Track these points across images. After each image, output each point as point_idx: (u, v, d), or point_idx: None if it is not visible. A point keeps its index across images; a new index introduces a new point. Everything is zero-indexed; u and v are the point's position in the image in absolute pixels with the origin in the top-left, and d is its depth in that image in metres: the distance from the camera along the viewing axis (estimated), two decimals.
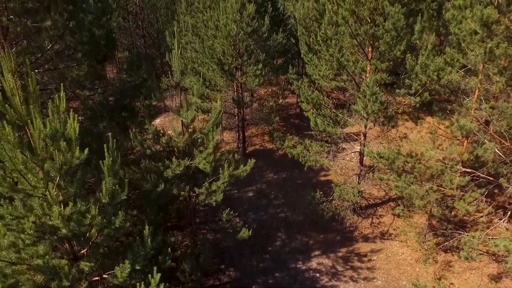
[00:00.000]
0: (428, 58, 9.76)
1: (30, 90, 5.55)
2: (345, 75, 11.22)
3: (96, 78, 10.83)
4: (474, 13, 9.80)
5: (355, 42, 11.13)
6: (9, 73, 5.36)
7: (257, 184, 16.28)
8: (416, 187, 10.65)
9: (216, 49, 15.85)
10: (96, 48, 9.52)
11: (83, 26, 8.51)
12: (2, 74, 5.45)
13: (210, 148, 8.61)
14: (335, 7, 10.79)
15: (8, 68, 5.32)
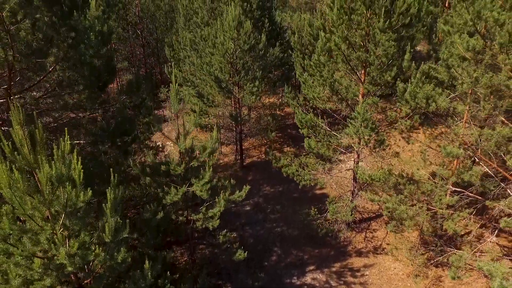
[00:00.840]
0: (417, 86, 10.15)
1: (37, 139, 5.94)
2: (339, 97, 11.60)
3: (96, 102, 11.20)
4: (461, 39, 10.19)
5: (348, 66, 11.50)
6: (18, 125, 5.74)
7: (254, 198, 16.68)
8: (406, 207, 11.06)
9: (213, 66, 16.21)
10: (97, 78, 9.89)
11: (85, 61, 8.87)
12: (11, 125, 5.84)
13: (207, 178, 9.00)
14: (328, 34, 11.15)
15: (17, 120, 5.70)
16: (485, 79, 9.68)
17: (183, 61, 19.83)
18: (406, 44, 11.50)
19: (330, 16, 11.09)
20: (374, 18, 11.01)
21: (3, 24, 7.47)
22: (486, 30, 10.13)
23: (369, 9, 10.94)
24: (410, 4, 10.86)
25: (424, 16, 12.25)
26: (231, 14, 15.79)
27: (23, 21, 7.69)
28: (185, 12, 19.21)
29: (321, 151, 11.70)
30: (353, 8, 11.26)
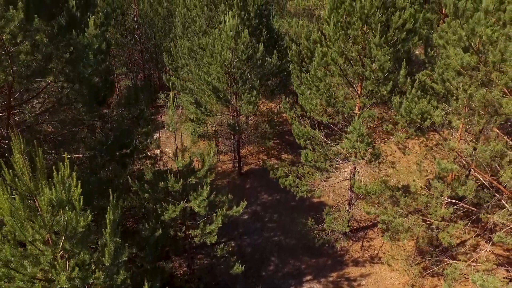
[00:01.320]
0: (412, 102, 10.28)
1: (38, 166, 6.05)
2: (336, 110, 11.73)
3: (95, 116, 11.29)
4: (456, 55, 10.32)
5: (345, 80, 11.63)
6: (18, 153, 5.85)
7: (252, 206, 16.80)
8: (402, 220, 11.21)
9: (211, 75, 16.30)
10: (95, 94, 9.99)
11: (84, 79, 8.96)
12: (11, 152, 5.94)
13: (204, 196, 9.12)
14: (324, 48, 11.27)
15: (17, 149, 5.81)
16: (479, 95, 9.81)
17: (181, 68, 19.91)
18: (402, 56, 11.64)
19: (327, 31, 11.21)
20: (370, 33, 11.14)
21: (4, 47, 7.56)
22: (480, 45, 10.26)
23: (365, 24, 11.07)
24: (406, 19, 10.98)
25: (419, 28, 12.39)
26: (229, 23, 15.90)
27: (23, 43, 7.78)
28: (183, 21, 19.28)
29: (317, 164, 11.84)
30: (350, 22, 11.38)
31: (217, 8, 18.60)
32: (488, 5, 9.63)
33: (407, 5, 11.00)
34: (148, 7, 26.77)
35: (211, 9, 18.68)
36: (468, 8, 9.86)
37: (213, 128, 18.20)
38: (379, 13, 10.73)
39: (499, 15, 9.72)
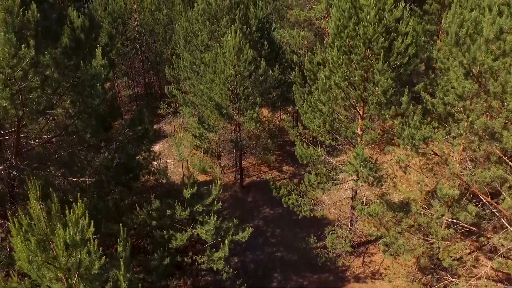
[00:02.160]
0: (414, 128, 10.47)
1: (53, 212, 6.20)
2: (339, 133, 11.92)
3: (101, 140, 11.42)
4: (457, 82, 10.51)
5: (348, 102, 11.81)
6: (35, 200, 5.99)
7: (254, 220, 16.98)
8: (403, 242, 11.43)
9: (213, 90, 16.43)
10: (102, 122, 10.12)
11: (92, 109, 9.10)
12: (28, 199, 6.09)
13: (212, 226, 9.28)
14: (327, 72, 11.44)
15: (34, 196, 5.96)
16: (479, 123, 10.02)
17: (183, 81, 20.03)
18: (404, 79, 11.82)
19: (331, 55, 11.37)
20: (373, 58, 11.31)
21: (16, 83, 7.68)
22: (481, 73, 10.43)
23: (368, 49, 11.23)
24: (408, 45, 11.16)
25: (420, 51, 12.58)
26: (231, 40, 16.03)
27: (33, 79, 7.90)
28: (185, 35, 19.38)
29: (320, 186, 12.03)
30: (353, 46, 11.55)
31: (219, 22, 18.70)
32: (488, 34, 9.82)
33: (409, 31, 11.17)
34: (149, 16, 26.82)
35: (213, 23, 18.79)
36: (469, 37, 10.04)
37: (215, 143, 18.36)
38: (382, 39, 10.90)
39: (499, 44, 9.92)
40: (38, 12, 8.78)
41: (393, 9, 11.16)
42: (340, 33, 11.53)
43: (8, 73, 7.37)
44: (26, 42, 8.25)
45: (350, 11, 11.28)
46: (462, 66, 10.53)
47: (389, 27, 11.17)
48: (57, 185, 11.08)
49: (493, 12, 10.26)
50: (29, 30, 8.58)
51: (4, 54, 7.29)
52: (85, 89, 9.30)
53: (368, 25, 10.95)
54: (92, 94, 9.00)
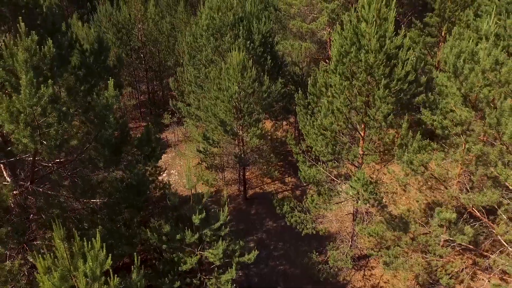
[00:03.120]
0: (413, 154, 10.89)
1: (75, 250, 6.64)
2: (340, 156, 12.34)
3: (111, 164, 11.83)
4: (456, 109, 10.92)
5: (349, 126, 12.23)
6: (59, 240, 6.43)
7: (258, 233, 17.43)
8: (402, 261, 11.87)
9: (218, 107, 16.83)
10: (114, 149, 10.53)
11: (105, 140, 9.52)
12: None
13: (220, 251, 9.70)
14: (330, 98, 11.85)
15: (58, 236, 6.39)
16: (475, 150, 10.44)
17: (187, 95, 20.42)
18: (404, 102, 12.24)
19: (333, 81, 11.78)
20: (374, 84, 11.71)
21: (34, 120, 8.09)
22: (478, 102, 10.83)
23: (369, 75, 11.63)
24: (408, 72, 11.55)
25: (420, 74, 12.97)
26: (235, 58, 16.41)
27: (51, 115, 8.31)
28: (190, 50, 19.76)
29: (323, 206, 12.47)
30: (355, 71, 11.95)
31: (223, 37, 19.08)
32: (485, 65, 10.23)
33: (410, 58, 11.55)
34: (153, 26, 27.18)
35: (217, 38, 19.15)
36: (466, 68, 10.43)
37: (220, 157, 18.77)
38: (383, 66, 11.29)
39: (495, 74, 10.33)
40: (53, 47, 9.24)
41: (393, 37, 11.55)
42: (342, 59, 11.92)
43: (28, 112, 7.79)
44: (44, 78, 8.73)
45: (352, 38, 11.68)
46: (460, 93, 10.95)
47: (389, 54, 11.56)
48: (70, 206, 11.56)
49: (489, 42, 10.70)
50: (45, 65, 9.04)
51: (26, 95, 7.70)
52: (97, 119, 9.74)
53: (370, 53, 11.35)
54: (104, 124, 9.42)
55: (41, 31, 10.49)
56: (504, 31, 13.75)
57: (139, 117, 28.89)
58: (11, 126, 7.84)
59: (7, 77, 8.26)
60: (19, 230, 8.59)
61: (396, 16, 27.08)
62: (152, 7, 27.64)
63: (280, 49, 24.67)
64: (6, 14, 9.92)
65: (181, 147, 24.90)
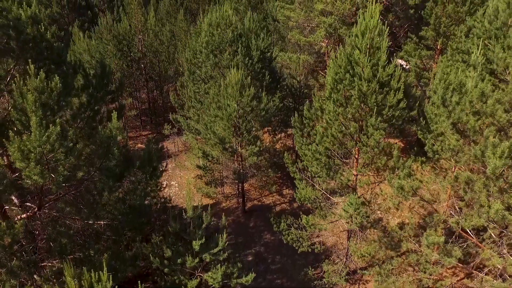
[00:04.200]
0: (404, 180, 11.38)
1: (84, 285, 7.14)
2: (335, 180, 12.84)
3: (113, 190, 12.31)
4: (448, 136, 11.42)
5: (344, 150, 12.72)
6: (70, 277, 6.93)
7: (256, 247, 17.96)
8: (393, 280, 12.40)
9: (217, 124, 17.30)
10: (117, 177, 11.02)
11: (110, 170, 9.99)
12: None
13: (219, 276, 10.20)
14: (324, 124, 12.33)
15: (69, 274, 6.89)
16: (463, 177, 10.94)
17: (187, 109, 20.87)
18: (397, 128, 12.73)
19: (328, 108, 12.25)
20: (367, 110, 12.19)
21: (43, 157, 8.56)
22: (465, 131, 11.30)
23: (362, 103, 12.11)
24: (400, 100, 12.02)
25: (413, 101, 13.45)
26: (234, 77, 16.87)
27: (58, 151, 8.78)
28: (189, 66, 20.20)
29: (318, 227, 12.98)
30: (349, 97, 12.43)
31: (222, 53, 19.51)
32: (472, 96, 10.72)
33: (401, 87, 12.02)
34: (153, 36, 27.58)
35: (216, 54, 19.59)
36: (454, 99, 10.91)
37: (219, 173, 19.25)
38: (375, 95, 11.76)
39: (481, 105, 10.82)
40: (60, 82, 9.71)
41: (386, 65, 12.02)
42: (337, 85, 12.40)
43: (38, 151, 8.26)
44: (51, 111, 9.20)
45: (346, 66, 12.15)
46: (448, 121, 11.43)
47: (382, 82, 12.03)
48: (75, 228, 12.05)
49: (477, 72, 11.19)
50: (52, 100, 9.50)
51: (36, 136, 8.17)
52: (101, 149, 10.23)
53: (363, 81, 11.82)
54: (108, 156, 9.90)
55: (47, 62, 10.99)
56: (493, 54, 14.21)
57: (139, 126, 29.35)
58: (22, 164, 8.32)
59: (18, 116, 8.74)
60: (30, 262, 9.08)
61: (393, 28, 27.52)
62: (152, 18, 28.06)
63: (278, 60, 25.13)
64: (13, 47, 10.38)
65: (181, 157, 25.38)
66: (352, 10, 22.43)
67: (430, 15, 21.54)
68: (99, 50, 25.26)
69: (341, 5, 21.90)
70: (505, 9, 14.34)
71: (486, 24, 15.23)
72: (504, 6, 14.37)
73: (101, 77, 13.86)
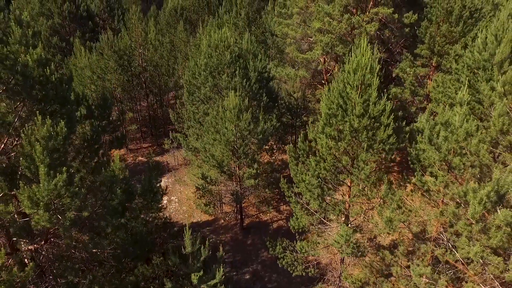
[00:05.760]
0: (392, 213, 11.96)
1: None
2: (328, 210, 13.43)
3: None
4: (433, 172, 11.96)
5: (336, 181, 13.28)
6: None
7: (253, 265, 18.57)
8: None
9: (215, 147, 17.84)
10: (120, 213, 11.59)
11: (113, 211, 10.56)
12: None
13: None
14: (318, 158, 12.87)
15: None
16: (449, 212, 11.50)
17: (186, 129, 21.39)
18: (386, 162, 13.28)
19: (320, 143, 12.80)
20: (358, 145, 12.73)
21: (52, 203, 9.13)
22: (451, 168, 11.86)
23: (354, 138, 12.65)
24: (390, 136, 12.55)
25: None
26: (232, 101, 17.39)
27: (65, 196, 9.34)
28: (188, 87, 20.70)
29: (311, 253, 13.58)
30: (341, 131, 12.96)
31: (220, 74, 20.02)
32: (458, 136, 11.26)
33: (391, 123, 12.54)
34: (153, 51, 28.06)
35: (214, 76, 20.09)
36: (440, 138, 11.45)
37: (218, 194, 19.83)
38: (366, 132, 12.29)
39: (467, 143, 11.37)
40: (65, 127, 10.26)
41: (377, 102, 12.53)
42: (330, 120, 12.93)
43: (47, 200, 8.83)
44: (57, 154, 9.76)
45: (338, 102, 12.67)
46: (435, 156, 11.98)
47: (373, 118, 12.55)
48: (79, 257, 12.65)
49: (463, 109, 11.71)
50: (58, 144, 10.05)
51: (44, 186, 8.74)
52: (104, 186, 10.80)
53: (354, 117, 12.35)
54: (112, 196, 10.47)
55: (52, 102, 11.54)
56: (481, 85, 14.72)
57: (139, 138, 29.88)
58: (31, 210, 8.89)
59: (27, 163, 9.29)
60: None
61: (389, 45, 27.89)
62: (152, 32, 28.52)
63: (276, 76, 25.64)
64: (19, 89, 10.91)
65: (181, 171, 25.94)
66: (348, 30, 22.89)
67: (425, 34, 22.01)
68: (100, 66, 25.78)
69: (338, 24, 22.34)
70: (493, 41, 14.89)
71: (476, 54, 15.78)
72: (492, 39, 14.91)
73: (103, 108, 14.43)
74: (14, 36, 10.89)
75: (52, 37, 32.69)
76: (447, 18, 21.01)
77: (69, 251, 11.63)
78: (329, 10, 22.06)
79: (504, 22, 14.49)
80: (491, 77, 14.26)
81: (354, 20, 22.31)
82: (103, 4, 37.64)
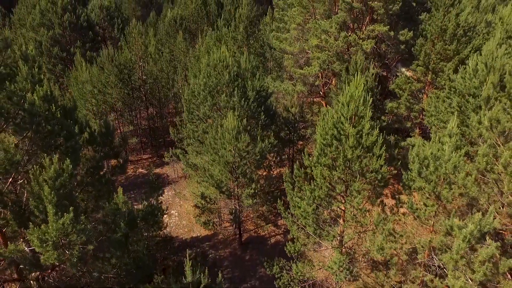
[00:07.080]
0: (384, 239, 12.51)
1: None
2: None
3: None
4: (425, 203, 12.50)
5: (331, 207, 13.81)
6: None
7: (252, 281, 19.12)
8: None
9: (214, 167, 18.34)
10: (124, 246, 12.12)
11: (119, 242, 11.08)
12: None
13: None
14: (313, 186, 13.41)
15: None
16: (436, 242, 12.06)
17: (186, 146, 21.88)
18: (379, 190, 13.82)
19: (315, 173, 13.32)
20: (352, 175, 13.26)
21: (60, 241, 9.65)
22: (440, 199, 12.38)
23: (347, 168, 13.17)
24: (382, 166, 13.07)
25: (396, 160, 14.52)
26: (231, 123, 17.88)
27: (72, 233, 9.86)
28: (188, 106, 21.17)
29: (307, 275, 14.13)
30: (336, 159, 13.47)
31: (219, 93, 20.48)
32: (446, 169, 11.78)
33: (382, 153, 13.06)
34: (153, 64, 28.50)
35: (213, 95, 20.55)
36: (430, 171, 11.97)
37: (217, 211, 20.37)
38: (359, 161, 12.82)
39: (455, 175, 11.90)
40: (71, 164, 10.76)
41: (369, 133, 13.03)
42: (325, 149, 13.45)
43: (55, 240, 9.34)
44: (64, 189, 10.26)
45: (333, 133, 13.18)
46: (425, 185, 12.51)
47: (365, 148, 13.07)
48: (84, 282, 13.19)
49: (452, 141, 12.22)
50: (65, 181, 10.55)
51: (52, 226, 9.25)
52: (108, 224, 11.34)
53: (348, 148, 12.87)
54: (116, 231, 10.99)
55: (57, 136, 12.03)
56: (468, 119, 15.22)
57: (139, 149, 30.35)
58: (41, 249, 9.41)
59: (36, 203, 9.80)
60: None
61: (385, 59, 28.37)
62: (152, 46, 28.95)
63: (274, 91, 26.11)
64: (26, 125, 11.38)
65: (181, 184, 26.45)
66: (345, 47, 23.37)
67: (420, 51, 22.48)
68: (101, 80, 26.22)
69: (334, 42, 22.81)
70: (483, 69, 15.40)
71: (467, 81, 16.28)
72: (482, 66, 15.41)
73: (106, 135, 14.91)
74: (21, 73, 11.39)
75: (53, 47, 33.06)
76: (442, 36, 21.46)
77: (74, 278, 12.17)
78: (326, 27, 22.51)
79: (493, 51, 14.99)
80: (481, 105, 14.79)
81: (350, 38, 22.80)
82: (103, 13, 37.98)
